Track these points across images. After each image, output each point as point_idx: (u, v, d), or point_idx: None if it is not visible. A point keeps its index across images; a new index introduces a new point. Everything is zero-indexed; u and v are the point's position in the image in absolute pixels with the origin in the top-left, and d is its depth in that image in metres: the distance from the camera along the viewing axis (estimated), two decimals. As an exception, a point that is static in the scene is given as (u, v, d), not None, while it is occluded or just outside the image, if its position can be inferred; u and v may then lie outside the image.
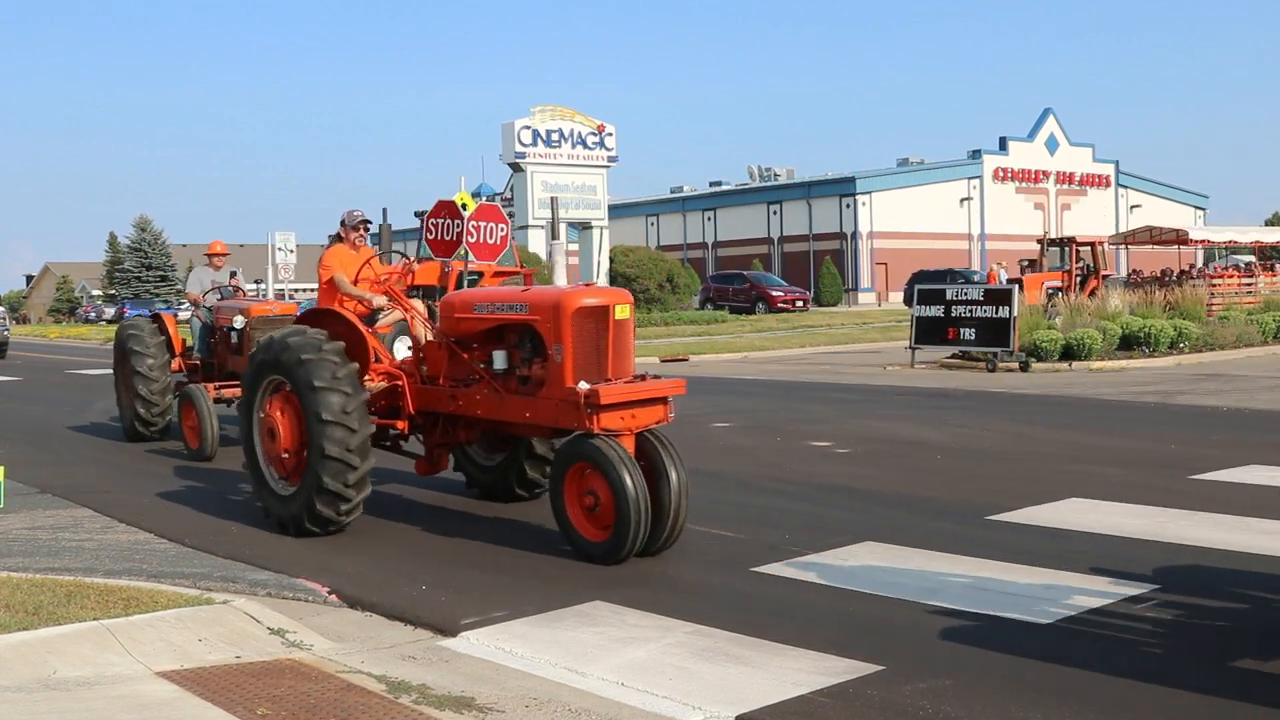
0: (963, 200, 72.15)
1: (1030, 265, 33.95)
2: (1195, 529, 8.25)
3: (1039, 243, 33.98)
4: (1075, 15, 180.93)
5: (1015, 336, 21.63)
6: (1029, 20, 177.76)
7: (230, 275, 15.10)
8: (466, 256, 17.71)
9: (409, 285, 9.95)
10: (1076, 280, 31.04)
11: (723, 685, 5.37)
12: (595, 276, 49.85)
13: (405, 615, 6.73)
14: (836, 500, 9.75)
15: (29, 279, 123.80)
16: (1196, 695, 5.15)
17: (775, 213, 73.97)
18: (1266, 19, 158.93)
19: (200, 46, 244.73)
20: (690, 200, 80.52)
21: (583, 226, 53.70)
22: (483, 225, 17.79)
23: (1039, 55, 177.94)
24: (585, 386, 7.67)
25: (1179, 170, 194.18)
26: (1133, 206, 79.36)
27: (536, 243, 51.33)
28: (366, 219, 10.40)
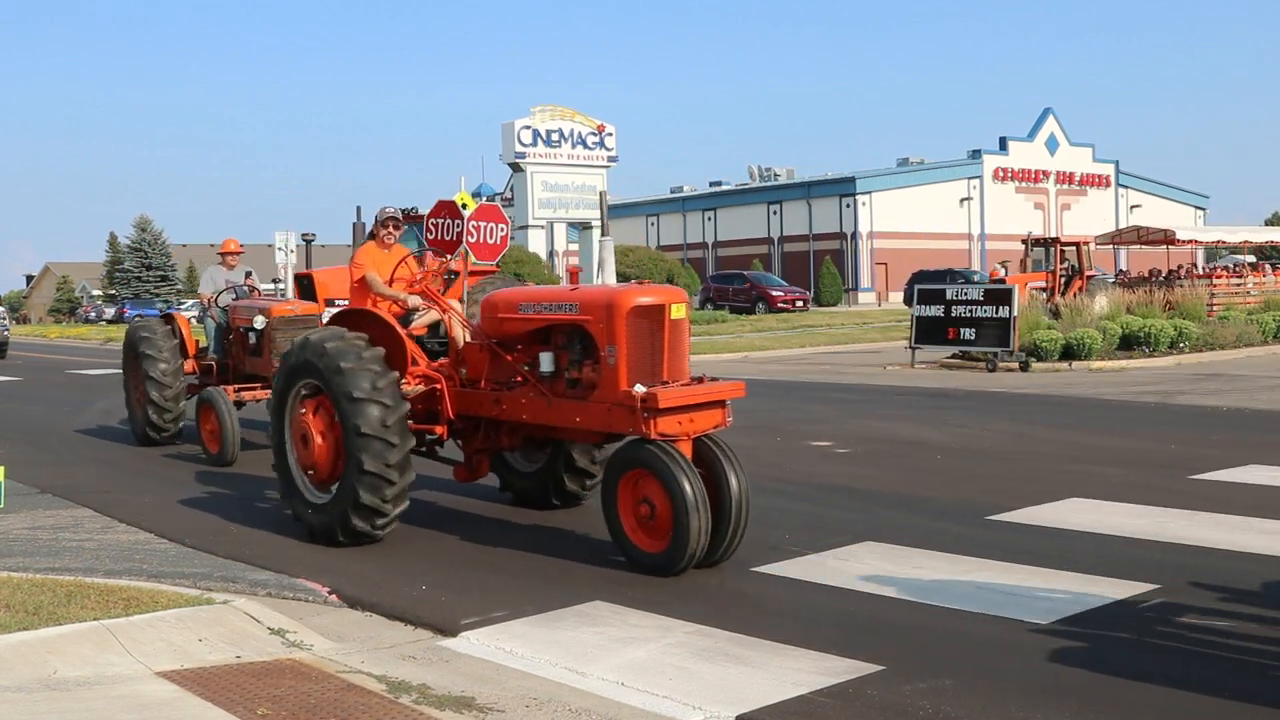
0: (963, 200, 72.15)
1: (1003, 265, 33.69)
2: (1195, 529, 8.25)
3: (1023, 243, 33.60)
4: (1075, 15, 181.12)
5: (1015, 336, 21.63)
6: (1029, 20, 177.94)
7: (245, 275, 14.66)
8: (466, 256, 17.74)
9: (444, 285, 9.57)
10: (1061, 281, 30.87)
11: (723, 685, 5.37)
12: (595, 277, 49.92)
13: (405, 615, 6.73)
14: (836, 500, 9.75)
15: (29, 279, 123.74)
16: (1196, 695, 5.15)
17: (775, 213, 73.97)
18: (1266, 19, 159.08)
19: (200, 46, 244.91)
20: (690, 200, 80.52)
21: (583, 226, 53.73)
22: (483, 225, 17.77)
23: (1039, 55, 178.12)
24: (642, 389, 7.34)
25: (1179, 170, 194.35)
26: (1133, 206, 79.35)
27: (537, 243, 51.35)
28: (396, 215, 10.03)
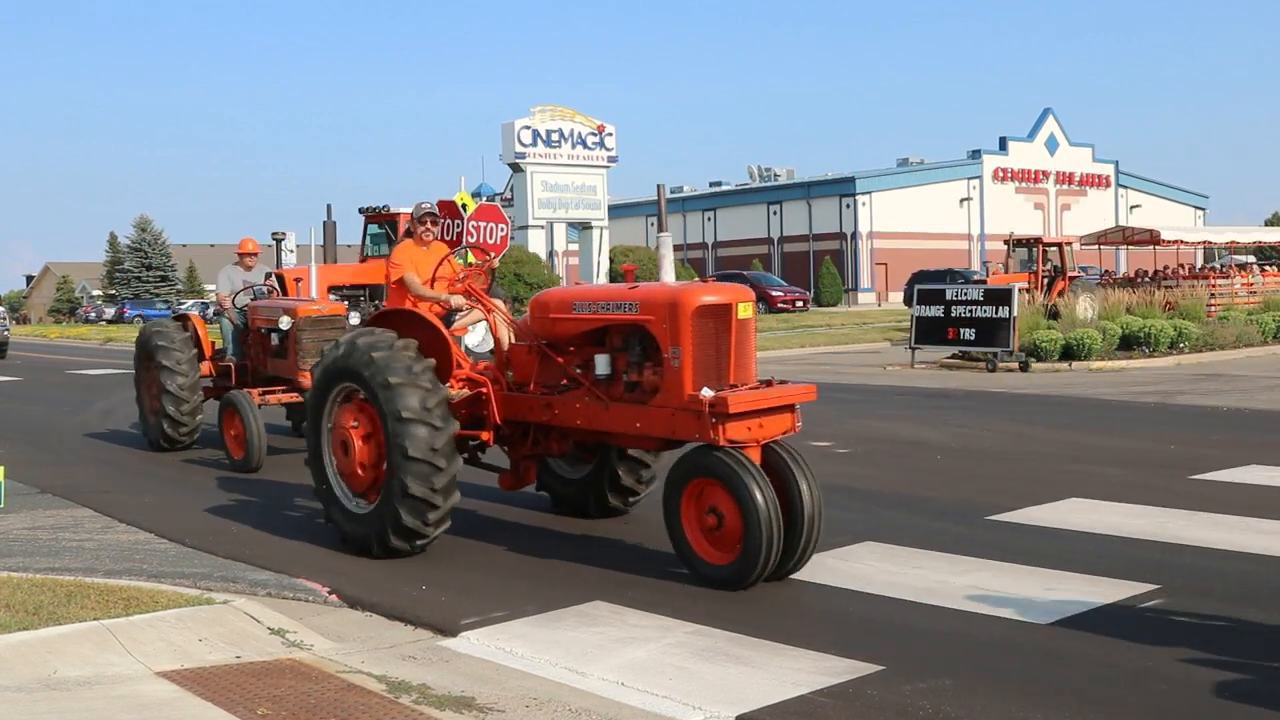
0: (963, 200, 72.16)
1: (986, 266, 33.47)
2: (1195, 529, 8.25)
3: (1006, 244, 33.33)
4: (1075, 15, 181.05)
5: (1015, 336, 21.63)
6: (1029, 20, 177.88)
7: (265, 276, 14.18)
8: (465, 256, 17.75)
9: (488, 284, 9.20)
10: (1045, 282, 30.74)
11: (723, 685, 5.38)
12: (595, 277, 49.89)
13: (405, 615, 6.74)
14: (836, 500, 9.74)
15: (29, 279, 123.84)
16: (1197, 695, 5.15)
17: (775, 213, 73.99)
18: (1266, 19, 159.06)
19: (200, 46, 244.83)
20: (690, 200, 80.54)
21: (583, 226, 53.73)
22: (483, 225, 17.81)
23: (1039, 55, 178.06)
24: (709, 393, 6.97)
25: (1179, 170, 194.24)
26: (1133, 206, 79.37)
27: (537, 243, 51.35)
28: (434, 211, 9.54)
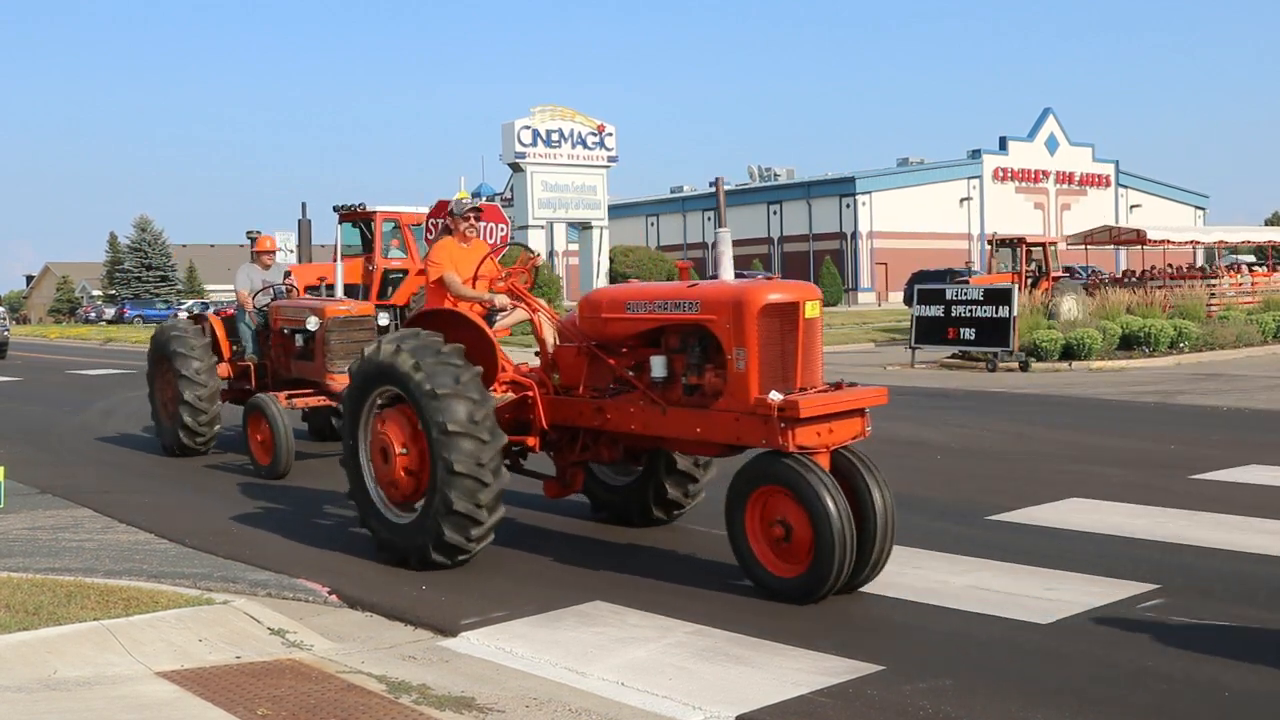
0: (963, 200, 72.17)
1: (967, 266, 33.25)
2: (1195, 529, 8.25)
3: (988, 244, 33.16)
4: (1075, 15, 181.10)
5: (1015, 336, 21.64)
6: (1029, 20, 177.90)
7: (285, 275, 13.77)
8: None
9: (531, 282, 8.83)
10: (1028, 282, 30.65)
11: (723, 685, 5.38)
12: (595, 278, 49.91)
13: (405, 615, 6.74)
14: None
15: (29, 279, 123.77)
16: (1197, 695, 5.16)
17: (775, 213, 74.00)
18: (1266, 19, 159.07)
19: (200, 46, 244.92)
20: (690, 200, 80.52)
21: (583, 226, 53.77)
22: (483, 225, 17.83)
23: (1039, 55, 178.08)
24: (778, 397, 6.63)
25: (1179, 170, 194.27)
26: (1133, 206, 79.39)
27: (537, 243, 51.36)
28: (477, 207, 9.08)
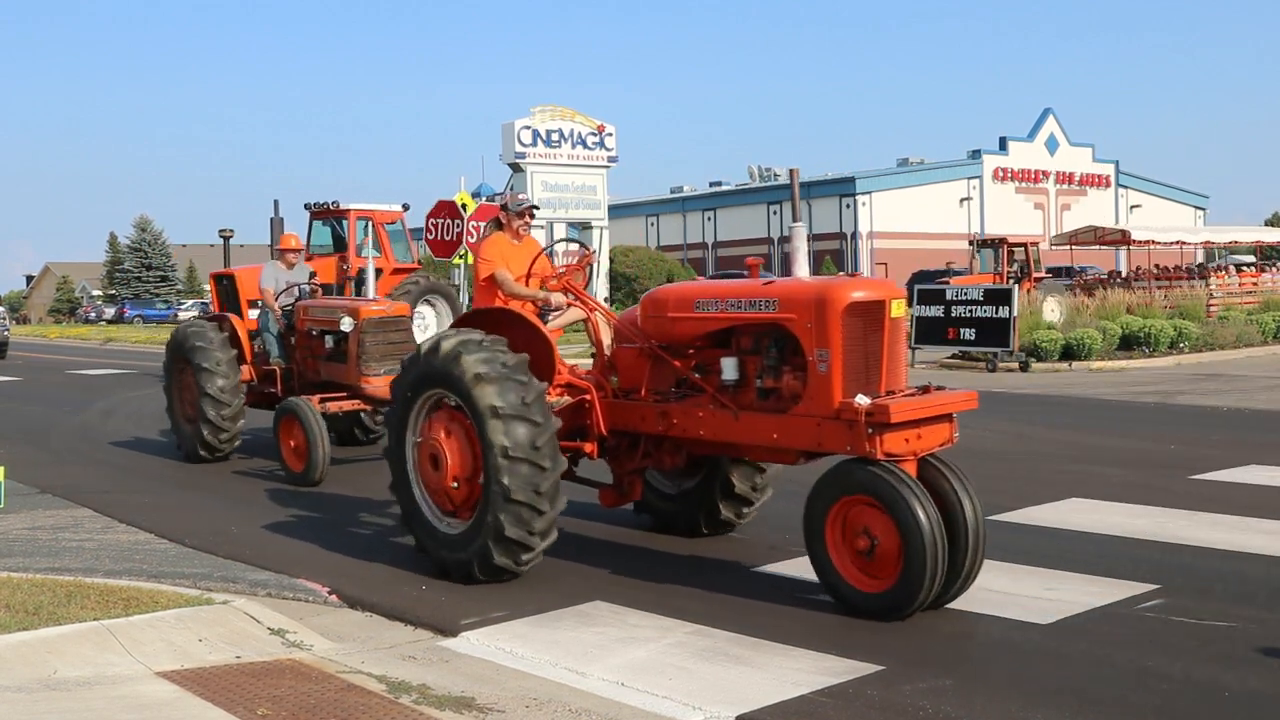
0: (963, 200, 72.13)
1: (949, 266, 33.16)
2: (1195, 529, 8.25)
3: (970, 244, 33.00)
4: (1075, 15, 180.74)
5: (1015, 336, 21.63)
6: (1029, 20, 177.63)
7: (310, 275, 13.29)
8: (465, 256, 17.76)
9: (586, 281, 8.44)
10: (1010, 283, 30.58)
11: (723, 685, 5.38)
12: (595, 278, 49.90)
13: (405, 615, 6.74)
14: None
15: (29, 279, 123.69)
16: (1197, 695, 5.16)
17: (775, 213, 73.96)
18: (1266, 19, 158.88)
19: (200, 46, 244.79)
20: (690, 200, 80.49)
21: (583, 226, 53.76)
22: (483, 225, 17.85)
23: (1039, 55, 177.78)
24: (865, 401, 6.30)
25: (1179, 170, 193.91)
26: (1133, 206, 79.35)
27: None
28: (536, 205, 8.71)
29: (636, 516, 8.84)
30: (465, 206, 17.27)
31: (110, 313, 77.74)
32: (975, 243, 32.38)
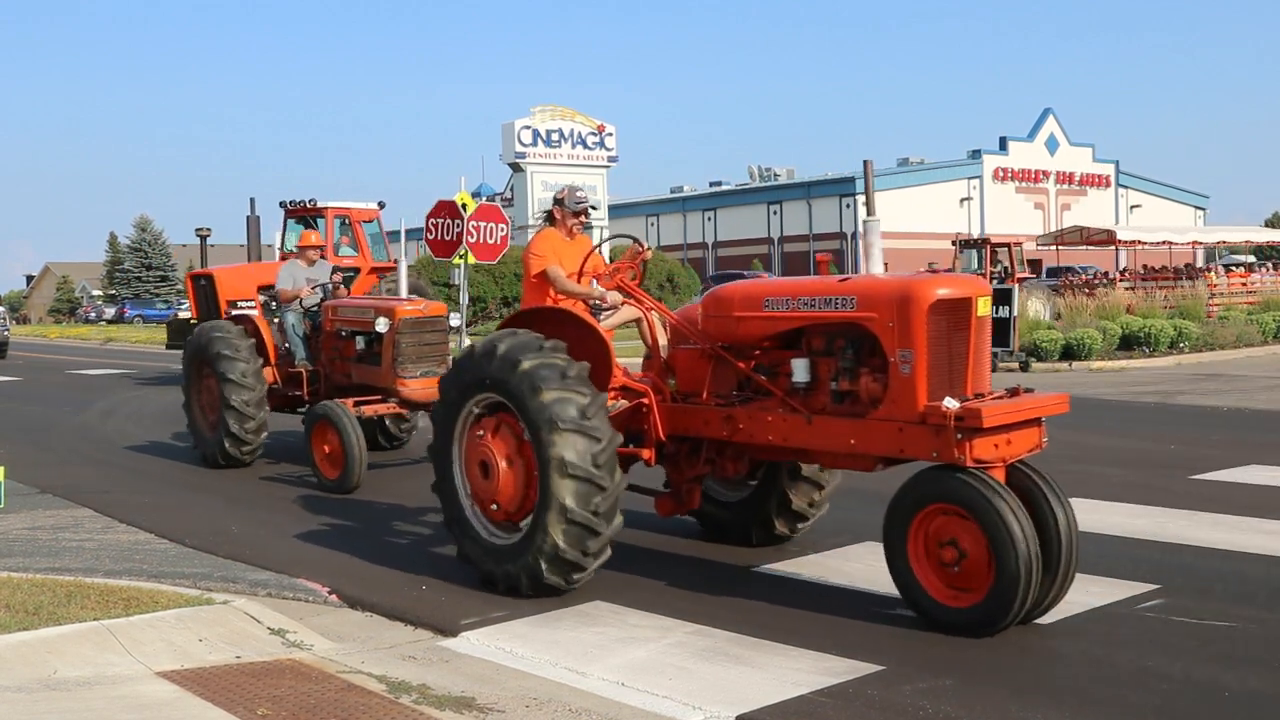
0: (963, 200, 72.14)
1: (930, 266, 33.17)
2: (1195, 529, 8.25)
3: (953, 244, 32.86)
4: (1075, 15, 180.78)
5: (1015, 336, 21.63)
6: (1029, 20, 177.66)
7: (332, 272, 12.87)
8: (465, 256, 17.74)
9: (641, 278, 8.04)
10: (992, 284, 30.62)
11: (723, 685, 5.38)
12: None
13: (405, 615, 6.74)
14: (836, 500, 9.71)
15: (29, 279, 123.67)
16: (1197, 695, 5.16)
17: (775, 213, 73.98)
18: (1266, 19, 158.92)
19: (200, 46, 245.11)
20: (690, 200, 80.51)
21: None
22: (483, 225, 17.81)
23: (1039, 55, 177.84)
24: (954, 404, 5.99)
25: (1179, 170, 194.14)
26: (1133, 206, 79.37)
27: (536, 243, 51.29)
28: (593, 205, 8.22)
29: (707, 534, 8.37)
30: (465, 206, 17.24)
31: (110, 313, 77.74)
32: (958, 243, 32.32)
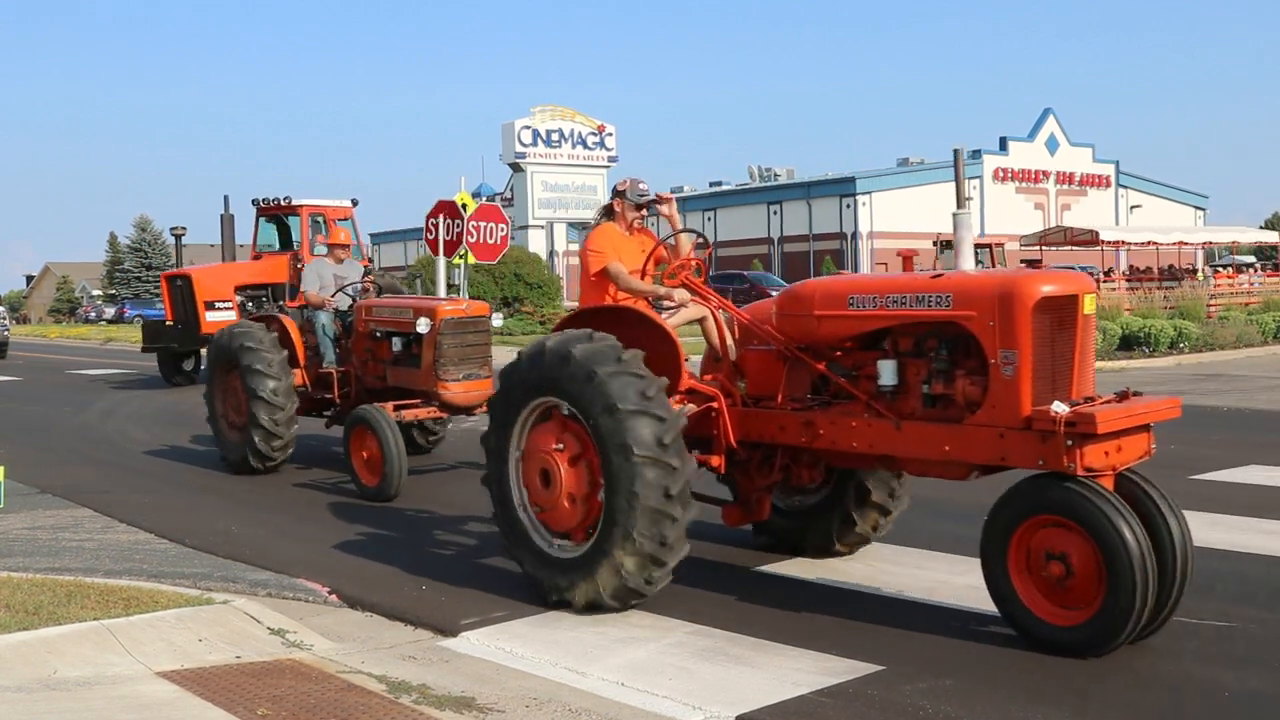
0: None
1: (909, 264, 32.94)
2: (1195, 529, 8.16)
3: (934, 244, 32.48)
4: (1075, 15, 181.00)
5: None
6: (1029, 20, 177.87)
7: (365, 273, 12.44)
8: (465, 256, 17.73)
9: (705, 275, 7.64)
10: None
11: (723, 685, 5.38)
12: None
13: (405, 615, 6.74)
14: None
15: (29, 279, 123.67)
16: (1197, 695, 5.16)
17: (775, 213, 73.98)
18: (1266, 19, 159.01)
19: (200, 46, 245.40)
20: (690, 200, 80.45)
21: (582, 226, 53.79)
22: (483, 225, 17.80)
23: (1039, 55, 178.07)
24: (1064, 409, 5.60)
25: (1179, 170, 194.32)
26: (1133, 206, 79.35)
27: (537, 243, 51.40)
28: (656, 199, 7.60)
29: (763, 544, 7.94)
30: (465, 206, 17.24)
31: (110, 313, 77.73)
32: (939, 243, 32.17)
